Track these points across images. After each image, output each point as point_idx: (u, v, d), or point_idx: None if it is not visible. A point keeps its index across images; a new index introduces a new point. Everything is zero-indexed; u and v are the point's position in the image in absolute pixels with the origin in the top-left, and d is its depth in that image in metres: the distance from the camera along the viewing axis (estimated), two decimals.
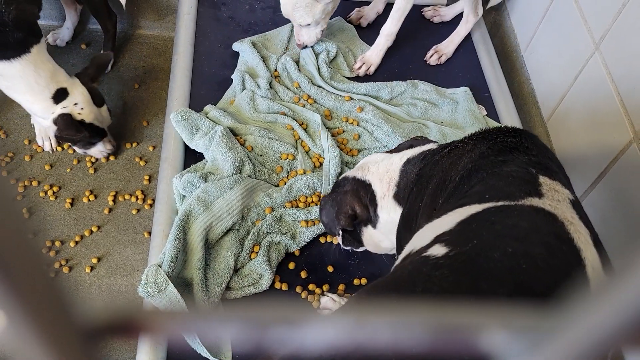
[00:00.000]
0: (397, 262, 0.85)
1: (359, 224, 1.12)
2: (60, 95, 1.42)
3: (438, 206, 0.88)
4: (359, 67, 1.64)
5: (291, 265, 1.26)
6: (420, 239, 0.80)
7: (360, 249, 1.24)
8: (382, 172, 1.07)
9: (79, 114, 1.46)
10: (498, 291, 0.63)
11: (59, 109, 1.43)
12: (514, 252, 0.67)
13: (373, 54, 1.63)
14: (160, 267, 1.14)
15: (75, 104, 1.45)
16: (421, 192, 0.96)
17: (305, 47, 1.61)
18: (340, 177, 1.18)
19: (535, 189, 0.79)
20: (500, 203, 0.77)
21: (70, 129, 1.45)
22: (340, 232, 1.14)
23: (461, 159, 0.92)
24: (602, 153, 1.27)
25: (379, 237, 1.11)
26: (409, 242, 0.87)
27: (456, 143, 0.99)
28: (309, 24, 1.52)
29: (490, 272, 0.65)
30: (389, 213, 1.06)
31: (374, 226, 1.10)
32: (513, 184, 0.81)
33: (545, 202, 0.77)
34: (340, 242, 1.22)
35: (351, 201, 1.09)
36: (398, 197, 1.04)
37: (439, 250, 0.71)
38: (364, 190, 1.08)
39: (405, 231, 0.98)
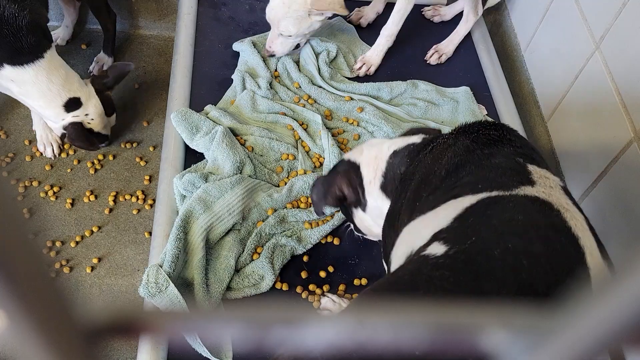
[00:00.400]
0: (397, 263, 0.84)
1: (350, 206, 1.13)
2: (72, 104, 1.42)
3: (422, 200, 0.87)
4: (359, 68, 1.64)
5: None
6: (417, 237, 0.80)
7: (373, 237, 1.23)
8: (371, 157, 1.07)
9: (89, 123, 1.47)
10: (501, 291, 0.63)
11: (69, 117, 1.43)
12: (514, 249, 0.66)
13: (373, 55, 1.64)
14: (161, 267, 1.14)
15: (87, 114, 1.46)
16: (405, 189, 0.97)
17: (273, 55, 1.58)
18: (340, 159, 1.19)
19: (527, 178, 0.79)
20: (494, 193, 0.77)
21: (82, 140, 1.47)
22: (322, 214, 1.17)
23: (444, 154, 0.92)
24: (603, 152, 1.27)
25: (369, 222, 1.12)
26: (403, 240, 0.86)
27: (438, 140, 0.98)
28: (290, 36, 1.51)
29: (491, 271, 0.65)
30: (376, 200, 1.06)
31: (364, 209, 1.10)
32: (504, 174, 0.81)
33: (539, 189, 0.77)
34: (353, 228, 1.23)
35: (340, 182, 1.09)
36: (385, 189, 1.05)
37: (437, 248, 0.70)
38: (354, 172, 1.09)
39: (389, 228, 0.98)
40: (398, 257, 0.85)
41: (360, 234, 1.24)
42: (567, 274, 0.66)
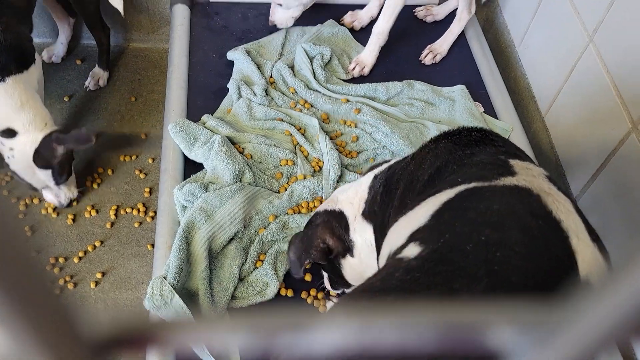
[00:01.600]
0: (382, 264, 0.83)
1: (337, 258, 1.05)
2: (6, 133, 1.36)
3: (407, 207, 0.86)
4: (353, 68, 1.64)
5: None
6: (397, 236, 0.78)
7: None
8: (352, 195, 1.03)
9: (8, 158, 1.39)
10: (473, 288, 0.61)
11: None
12: (487, 241, 0.65)
13: (367, 54, 1.64)
14: (165, 278, 1.14)
15: (11, 149, 1.38)
16: (391, 198, 0.94)
17: (275, 25, 1.68)
18: (313, 214, 1.12)
19: (508, 170, 0.78)
20: (472, 185, 0.75)
21: None
22: (301, 274, 1.06)
23: (426, 158, 0.91)
24: (602, 145, 1.27)
25: (361, 267, 1.04)
26: (386, 241, 0.85)
27: (420, 147, 0.97)
28: (280, 5, 1.61)
29: (463, 268, 0.63)
30: (362, 235, 1.01)
31: (352, 254, 1.04)
32: (485, 168, 0.80)
33: (520, 178, 0.75)
34: (327, 285, 1.15)
35: (322, 234, 1.02)
36: (365, 214, 1.01)
37: (412, 250, 0.69)
38: (336, 220, 1.03)
39: (382, 240, 0.94)
40: (382, 257, 0.84)
41: (340, 290, 1.16)
42: (546, 260, 0.64)
